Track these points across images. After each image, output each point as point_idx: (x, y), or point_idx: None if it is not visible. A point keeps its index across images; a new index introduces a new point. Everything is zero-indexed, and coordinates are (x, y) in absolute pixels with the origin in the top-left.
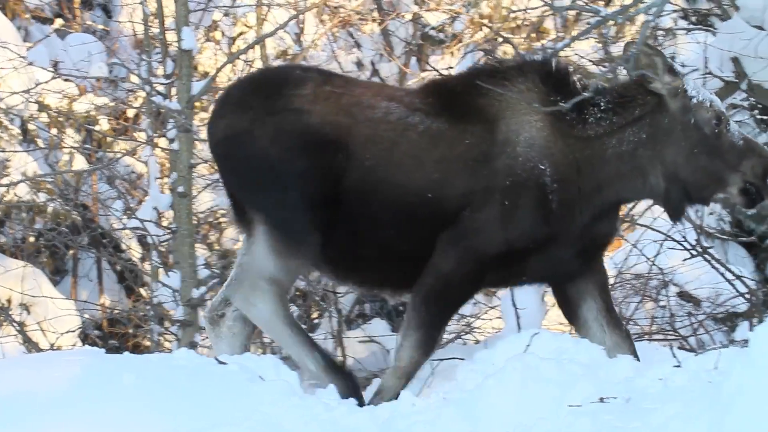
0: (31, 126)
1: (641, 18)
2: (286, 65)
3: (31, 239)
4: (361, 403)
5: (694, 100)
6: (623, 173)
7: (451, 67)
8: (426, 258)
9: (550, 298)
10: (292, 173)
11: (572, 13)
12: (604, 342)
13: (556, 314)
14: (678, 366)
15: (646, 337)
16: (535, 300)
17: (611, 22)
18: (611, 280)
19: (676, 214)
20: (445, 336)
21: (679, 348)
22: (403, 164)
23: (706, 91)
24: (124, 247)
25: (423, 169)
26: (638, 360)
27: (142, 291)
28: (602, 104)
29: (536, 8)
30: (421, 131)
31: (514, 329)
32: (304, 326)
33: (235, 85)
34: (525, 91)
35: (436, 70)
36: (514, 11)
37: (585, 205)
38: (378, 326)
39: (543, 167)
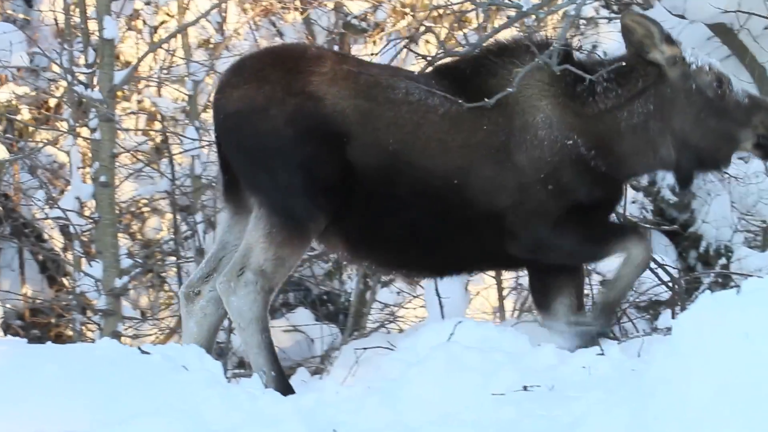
0: None
1: (563, 10)
2: (302, 43)
3: None
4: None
5: (693, 66)
6: (638, 148)
7: (374, 54)
8: (448, 241)
9: (473, 287)
10: (304, 157)
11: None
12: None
13: (479, 303)
14: (601, 354)
15: None
16: (458, 289)
17: (533, 15)
18: None
19: (685, 183)
20: (369, 325)
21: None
22: (428, 148)
23: (703, 56)
24: (46, 237)
25: (448, 153)
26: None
27: (65, 281)
28: (605, 77)
29: (457, 3)
30: (442, 114)
31: (438, 318)
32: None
33: (250, 55)
34: (535, 68)
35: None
36: (437, 7)
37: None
38: (302, 315)
39: (571, 141)
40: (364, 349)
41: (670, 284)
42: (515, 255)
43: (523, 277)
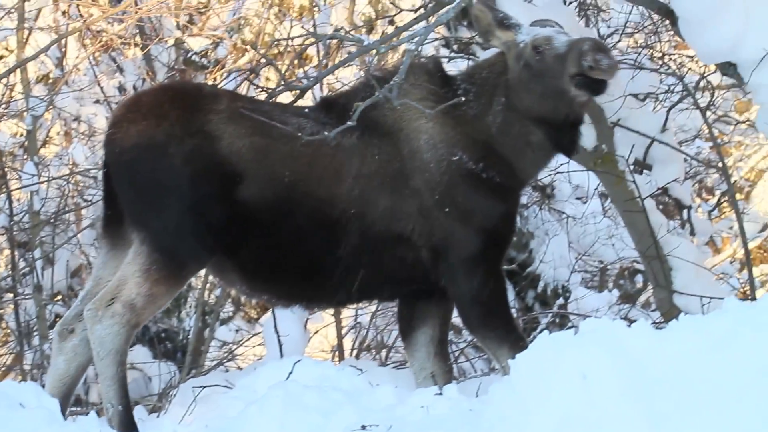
0: None
1: (404, 46)
2: (190, 82)
3: None
4: None
5: (521, 44)
6: (515, 147)
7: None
8: (348, 270)
9: (312, 326)
10: (198, 198)
11: (335, 40)
12: (424, 367)
13: (318, 341)
14: (439, 394)
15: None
16: (297, 327)
17: (374, 51)
18: (373, 307)
19: (566, 150)
20: (208, 363)
21: None
22: (324, 178)
23: (538, 30)
24: None
25: (343, 183)
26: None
27: None
28: (467, 86)
29: (299, 36)
30: (335, 146)
31: (277, 356)
32: None
33: (146, 91)
34: (411, 89)
35: None
36: (278, 39)
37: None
38: (140, 353)
39: (456, 157)
40: (202, 387)
41: None
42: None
43: (363, 315)
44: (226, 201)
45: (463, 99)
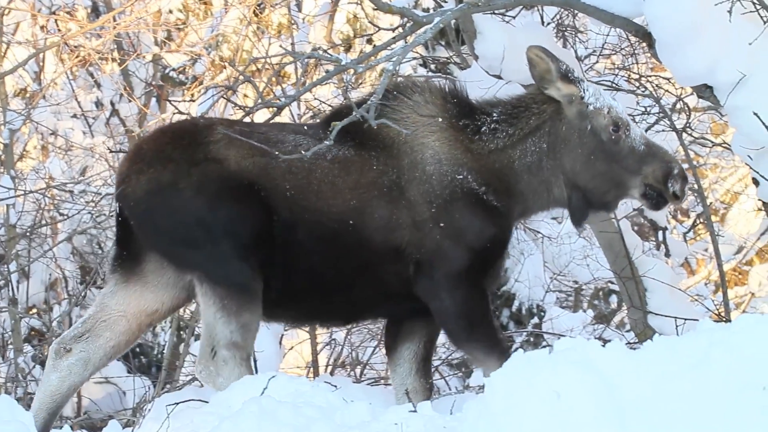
0: None
1: (381, 66)
2: (184, 120)
3: None
4: None
5: (591, 107)
6: (533, 187)
7: (192, 100)
8: (354, 286)
9: (287, 342)
10: (223, 220)
11: (312, 59)
12: (405, 383)
13: (293, 357)
14: (414, 411)
15: (383, 381)
16: (272, 343)
17: (351, 70)
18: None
19: (577, 221)
20: (182, 378)
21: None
22: (321, 191)
23: (607, 98)
24: None
25: (340, 194)
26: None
27: None
28: (495, 116)
29: (277, 55)
30: (331, 159)
31: (251, 372)
32: (40, 366)
33: (145, 139)
34: (423, 104)
35: (179, 111)
36: (256, 58)
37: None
38: (114, 367)
39: (461, 176)
40: (177, 403)
41: None
42: (417, 294)
43: (338, 332)
44: (249, 215)
45: (484, 130)
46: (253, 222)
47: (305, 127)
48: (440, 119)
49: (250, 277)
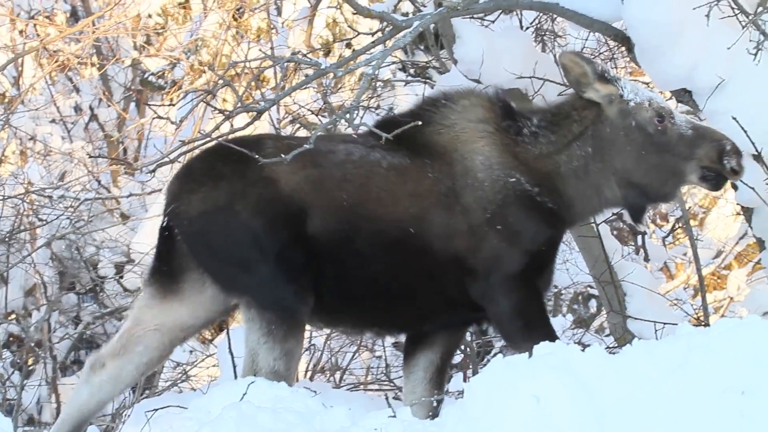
0: None
1: (361, 70)
2: (233, 138)
3: None
4: None
5: (632, 103)
6: (582, 192)
7: (172, 104)
8: (416, 294)
9: None
10: (279, 244)
11: (292, 63)
12: (415, 391)
13: None
14: (393, 416)
15: (362, 387)
16: None
17: (331, 74)
18: (327, 329)
19: (637, 218)
20: (161, 384)
21: (395, 398)
22: (381, 198)
23: (645, 90)
24: None
25: (400, 202)
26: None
27: None
28: (535, 122)
29: (256, 59)
30: (387, 166)
31: (231, 377)
32: (18, 372)
33: (195, 158)
34: (470, 108)
35: (159, 116)
36: (236, 62)
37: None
38: None
39: (514, 179)
40: (156, 409)
41: (462, 347)
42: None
43: (317, 337)
44: (302, 239)
45: (527, 134)
46: (305, 244)
47: (353, 136)
48: (488, 123)
49: (301, 302)
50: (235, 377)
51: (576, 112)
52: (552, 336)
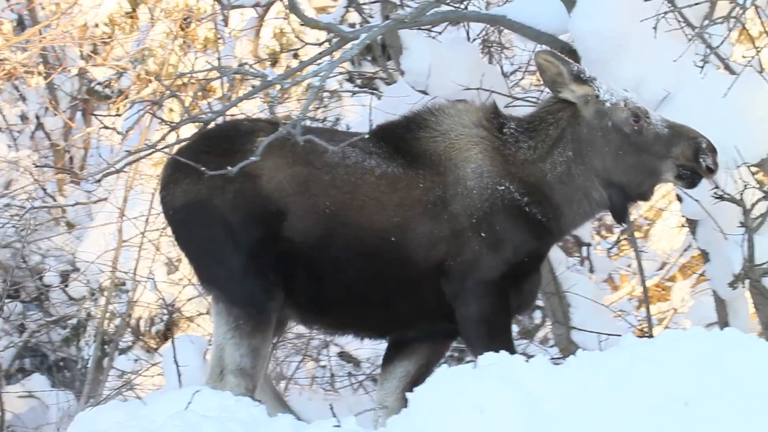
0: None
1: (307, 81)
2: (233, 121)
3: None
4: None
5: (608, 104)
6: (570, 197)
7: (118, 114)
8: (392, 301)
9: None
10: (253, 240)
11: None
12: (386, 400)
13: None
14: (338, 426)
15: (307, 396)
16: (197, 357)
17: (278, 86)
18: (273, 339)
19: (620, 218)
20: (106, 392)
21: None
22: (365, 207)
23: (620, 91)
24: None
25: (384, 212)
26: None
27: None
28: (513, 127)
29: (203, 70)
30: (379, 175)
31: (176, 386)
32: None
33: (186, 146)
34: (464, 114)
35: (105, 126)
36: (183, 73)
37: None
38: (38, 381)
39: (503, 187)
40: (101, 417)
41: None
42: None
43: None
44: (277, 238)
45: (512, 142)
46: (280, 244)
47: (356, 138)
48: (481, 129)
49: (270, 299)
50: (180, 386)
51: (551, 116)
52: (510, 348)
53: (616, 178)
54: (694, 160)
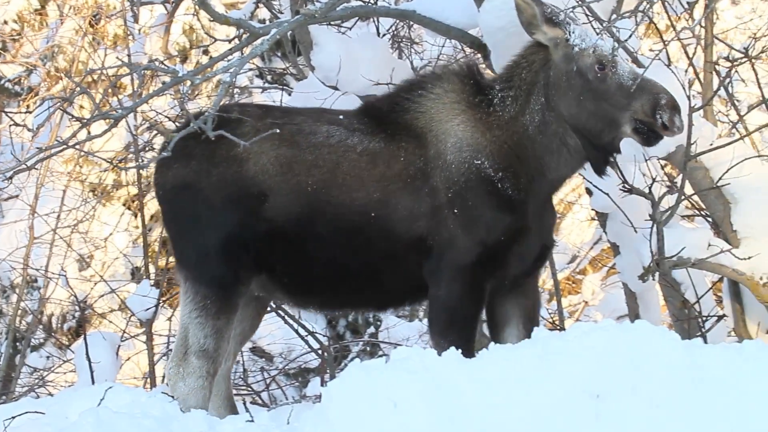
0: None
1: (218, 77)
2: (224, 105)
3: None
4: None
5: (576, 48)
6: (548, 145)
7: (29, 111)
8: (377, 276)
9: (124, 353)
10: (231, 224)
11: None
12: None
13: (129, 368)
14: (251, 421)
15: None
16: (109, 354)
17: (188, 81)
18: None
19: (598, 170)
20: (18, 389)
21: (252, 403)
22: (346, 184)
23: (593, 37)
24: None
25: (364, 188)
26: None
27: None
28: (497, 87)
29: (113, 66)
30: (360, 151)
31: (88, 383)
32: None
33: (176, 130)
34: (443, 94)
35: (16, 123)
36: (93, 70)
37: (534, 192)
38: None
39: (479, 162)
40: (13, 417)
41: (320, 351)
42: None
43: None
44: (257, 221)
45: (497, 103)
46: (260, 225)
47: (340, 117)
48: (461, 102)
49: (238, 282)
50: (93, 382)
51: (524, 59)
52: (466, 341)
53: (581, 125)
54: (651, 116)
